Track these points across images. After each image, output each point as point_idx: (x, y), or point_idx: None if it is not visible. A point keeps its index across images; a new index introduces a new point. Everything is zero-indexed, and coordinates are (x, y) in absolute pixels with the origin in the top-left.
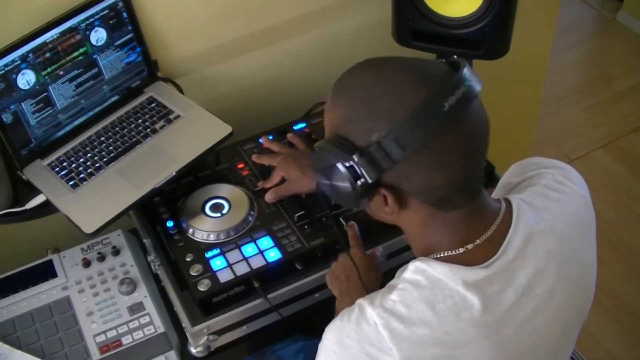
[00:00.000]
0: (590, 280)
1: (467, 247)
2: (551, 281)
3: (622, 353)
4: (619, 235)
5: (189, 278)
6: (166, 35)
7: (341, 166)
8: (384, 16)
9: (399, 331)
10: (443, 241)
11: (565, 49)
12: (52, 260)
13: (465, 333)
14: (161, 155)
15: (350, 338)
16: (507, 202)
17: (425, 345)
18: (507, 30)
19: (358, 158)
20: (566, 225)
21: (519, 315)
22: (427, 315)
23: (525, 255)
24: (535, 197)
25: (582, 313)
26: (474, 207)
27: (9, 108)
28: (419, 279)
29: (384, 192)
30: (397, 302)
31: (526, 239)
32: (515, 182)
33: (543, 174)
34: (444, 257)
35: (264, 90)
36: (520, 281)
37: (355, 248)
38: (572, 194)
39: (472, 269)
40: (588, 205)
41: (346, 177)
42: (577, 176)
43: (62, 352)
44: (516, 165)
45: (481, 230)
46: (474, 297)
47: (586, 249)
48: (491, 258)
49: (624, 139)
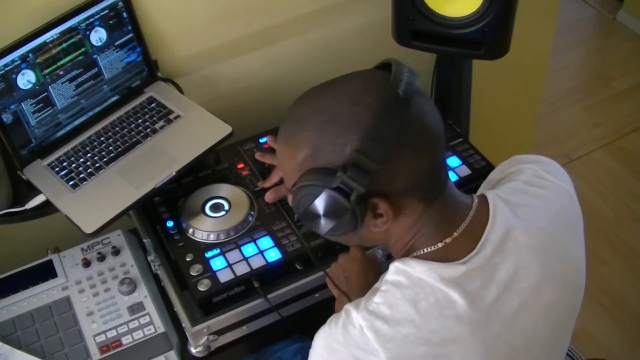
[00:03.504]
0: (579, 275)
1: (446, 240)
2: (536, 277)
3: (622, 353)
4: (619, 235)
5: (189, 278)
6: (166, 35)
7: (329, 191)
8: (384, 16)
9: (383, 332)
10: (425, 239)
11: (565, 49)
12: (52, 260)
13: (451, 330)
14: (161, 155)
15: (337, 342)
16: (483, 197)
17: (412, 344)
18: (507, 30)
19: (342, 173)
20: (549, 220)
21: (504, 311)
22: (410, 314)
23: (504, 251)
24: (513, 193)
25: (573, 309)
26: (447, 196)
27: (9, 108)
28: (400, 279)
29: (377, 201)
30: (380, 303)
31: (504, 234)
32: (496, 179)
33: (522, 170)
34: (423, 255)
35: (264, 90)
36: (501, 276)
37: (354, 249)
38: (554, 188)
39: (450, 265)
40: (572, 199)
41: (337, 200)
42: (560, 170)
43: (62, 352)
44: (502, 164)
45: (457, 221)
46: (455, 294)
47: (573, 245)
48: (470, 253)
49: (624, 139)
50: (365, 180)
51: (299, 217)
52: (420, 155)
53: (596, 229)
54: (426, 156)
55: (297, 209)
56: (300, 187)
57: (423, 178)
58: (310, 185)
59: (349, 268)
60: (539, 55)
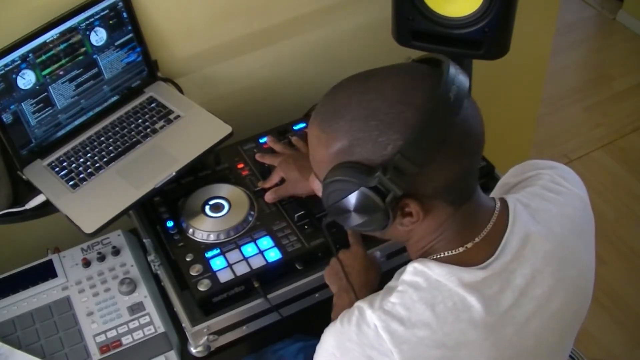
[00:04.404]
0: (588, 281)
1: (467, 246)
2: (549, 282)
3: (622, 353)
4: (619, 235)
5: (189, 278)
6: (166, 35)
7: (365, 189)
8: (384, 16)
9: (399, 333)
10: (446, 242)
11: (565, 49)
12: (52, 260)
13: (466, 334)
14: (161, 155)
15: (350, 341)
16: (503, 201)
17: (426, 347)
18: (507, 30)
19: (382, 174)
20: (564, 226)
21: (518, 316)
22: (427, 317)
23: (522, 257)
24: (532, 198)
25: (580, 314)
26: (475, 200)
27: (9, 108)
28: (418, 281)
29: (409, 202)
30: (396, 304)
31: (523, 239)
32: (512, 183)
33: (540, 175)
34: (443, 258)
35: (264, 90)
36: (518, 282)
37: (355, 246)
38: (568, 194)
39: (470, 270)
40: (586, 205)
41: (372, 200)
42: (574, 176)
43: (62, 352)
44: (515, 167)
45: (479, 227)
46: (472, 298)
47: (584, 250)
48: (489, 259)
49: (624, 139)
50: (404, 184)
51: (327, 209)
52: (459, 160)
53: (596, 229)
54: (464, 161)
55: (326, 201)
56: (335, 180)
57: (457, 182)
58: (346, 181)
59: (349, 264)
60: (539, 55)
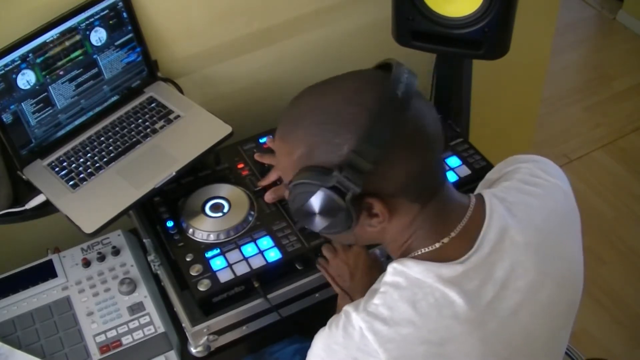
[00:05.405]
0: (577, 274)
1: (443, 241)
2: (533, 275)
3: (622, 353)
4: (619, 235)
5: (189, 278)
6: (166, 35)
7: (325, 190)
8: (384, 16)
9: (383, 333)
10: (421, 239)
11: (565, 49)
12: (52, 260)
13: (450, 329)
14: (161, 155)
15: (337, 344)
16: (480, 197)
17: (411, 344)
18: (507, 30)
19: (338, 173)
20: (546, 218)
21: (500, 309)
22: (409, 315)
23: (501, 249)
24: (507, 191)
25: (571, 307)
26: (444, 196)
27: (9, 108)
28: (399, 280)
29: (372, 201)
30: (379, 305)
31: (501, 233)
32: (493, 179)
33: (518, 169)
34: (420, 255)
35: (264, 90)
36: (498, 275)
37: (357, 246)
38: (549, 186)
39: (448, 265)
40: (568, 197)
41: (333, 199)
42: (556, 169)
43: (62, 352)
44: (498, 164)
45: (453, 222)
46: (453, 293)
47: (570, 243)
48: (467, 252)
49: (624, 139)
50: (360, 181)
51: (294, 214)
52: (415, 156)
53: (596, 229)
54: (421, 157)
55: (292, 206)
56: (296, 184)
57: (417, 179)
58: (306, 184)
59: (353, 263)
60: (539, 55)
